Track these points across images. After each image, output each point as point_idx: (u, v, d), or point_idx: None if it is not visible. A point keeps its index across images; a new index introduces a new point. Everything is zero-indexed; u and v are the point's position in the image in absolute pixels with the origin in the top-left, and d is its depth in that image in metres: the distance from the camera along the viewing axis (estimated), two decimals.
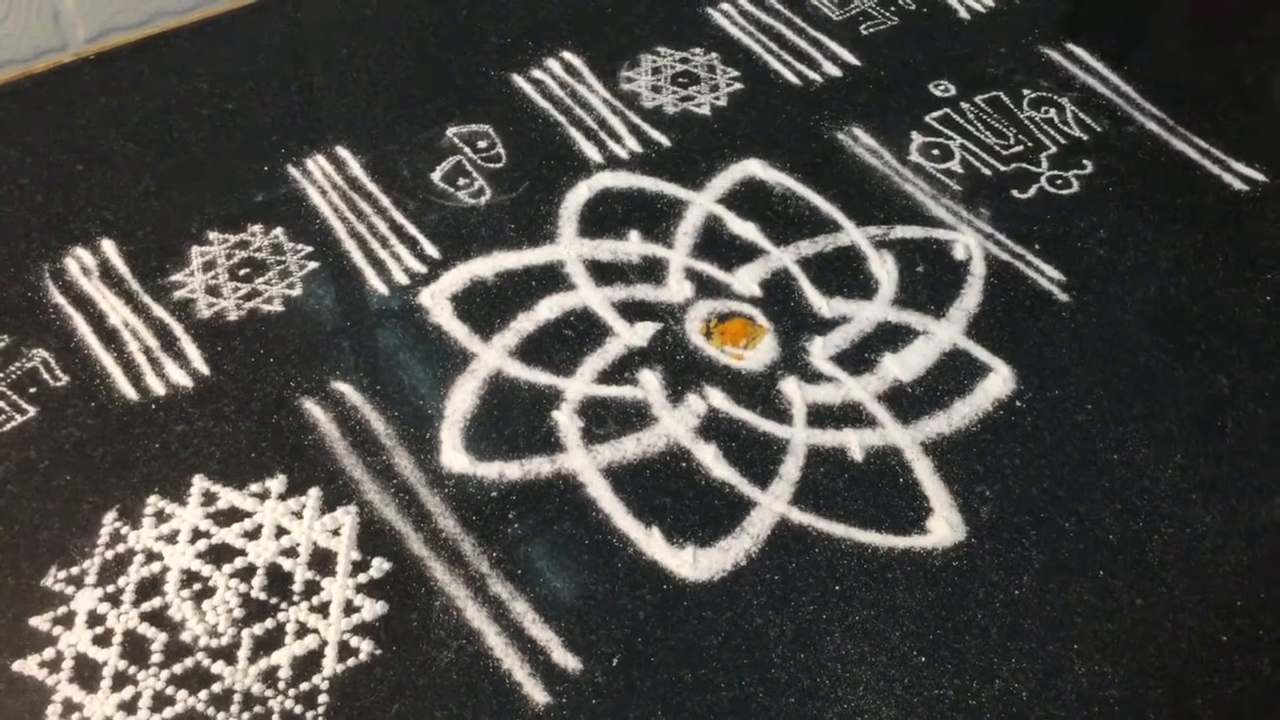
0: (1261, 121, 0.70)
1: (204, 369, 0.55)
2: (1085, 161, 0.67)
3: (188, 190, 0.64)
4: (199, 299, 0.58)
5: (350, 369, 0.55)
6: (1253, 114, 0.70)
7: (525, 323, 0.58)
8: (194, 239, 0.61)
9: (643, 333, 0.58)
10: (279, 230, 0.62)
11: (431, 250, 0.61)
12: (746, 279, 0.60)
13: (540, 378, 0.56)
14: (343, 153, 0.66)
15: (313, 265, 0.60)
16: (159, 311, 0.57)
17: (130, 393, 0.54)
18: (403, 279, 0.60)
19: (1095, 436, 0.54)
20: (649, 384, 0.56)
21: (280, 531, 0.49)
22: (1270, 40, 0.64)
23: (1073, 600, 0.48)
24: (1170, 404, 0.56)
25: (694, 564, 0.49)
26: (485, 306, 0.59)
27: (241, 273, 0.59)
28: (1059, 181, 0.66)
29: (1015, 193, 0.65)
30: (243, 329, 0.57)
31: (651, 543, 0.50)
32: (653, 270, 0.61)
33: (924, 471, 0.53)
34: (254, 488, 0.51)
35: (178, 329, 0.57)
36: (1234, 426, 0.54)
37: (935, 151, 0.67)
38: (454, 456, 0.52)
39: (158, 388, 0.54)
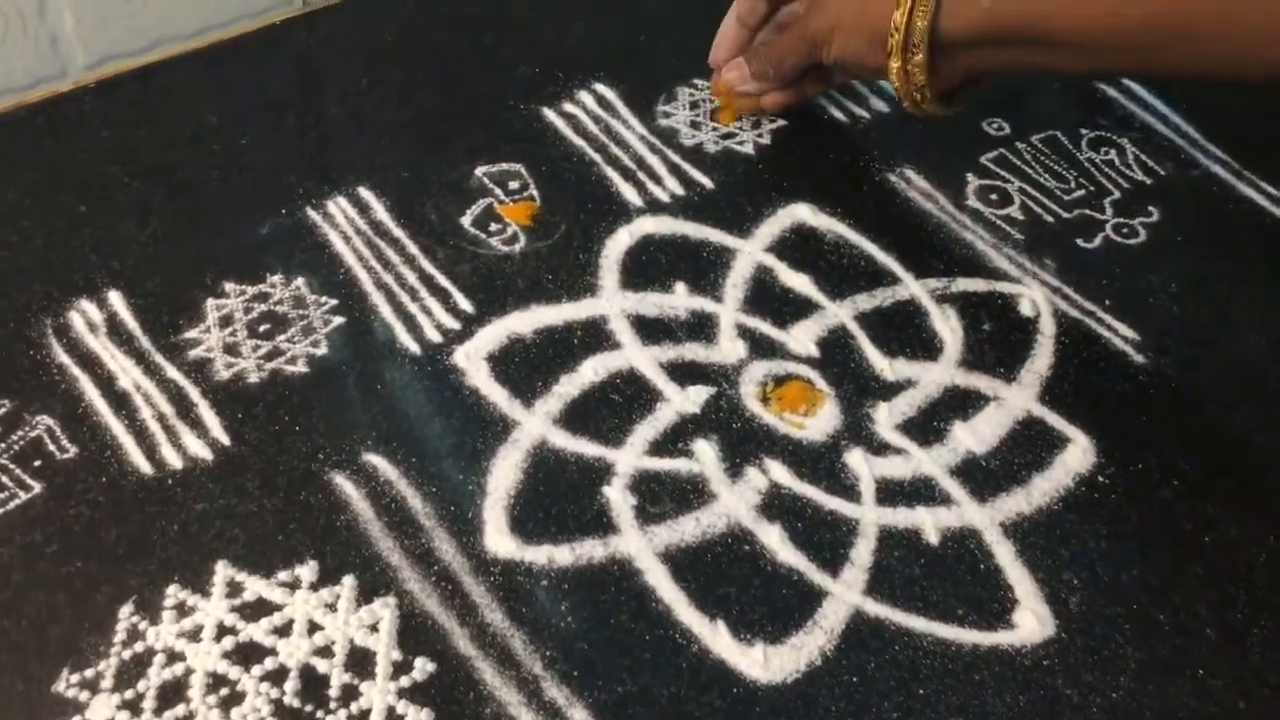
0: None
1: (224, 439, 0.51)
2: (1151, 208, 0.64)
3: (200, 234, 0.59)
4: (216, 358, 0.54)
5: (382, 438, 0.51)
6: None
7: (569, 386, 0.54)
8: (209, 290, 0.56)
9: (695, 398, 0.54)
10: (300, 281, 0.57)
11: (465, 304, 0.57)
12: (803, 337, 0.56)
13: (588, 449, 0.52)
14: (365, 194, 0.61)
15: (338, 320, 0.56)
16: (173, 373, 0.53)
17: (145, 466, 0.50)
18: (435, 336, 0.55)
19: (1183, 517, 0.51)
20: (705, 456, 0.52)
21: (313, 627, 0.45)
22: None
23: (1173, 703, 0.45)
24: (1259, 477, 0.52)
25: (765, 664, 0.45)
26: (525, 367, 0.54)
27: (262, 329, 0.55)
28: (1125, 230, 0.62)
29: (1080, 242, 0.62)
30: (265, 393, 0.53)
31: (718, 639, 0.46)
32: (702, 327, 0.57)
33: (1006, 557, 0.49)
34: (283, 575, 0.47)
35: (194, 393, 0.52)
36: None
37: (994, 196, 0.64)
38: (499, 539, 0.48)
39: (174, 460, 0.50)
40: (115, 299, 0.56)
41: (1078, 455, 0.53)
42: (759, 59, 0.64)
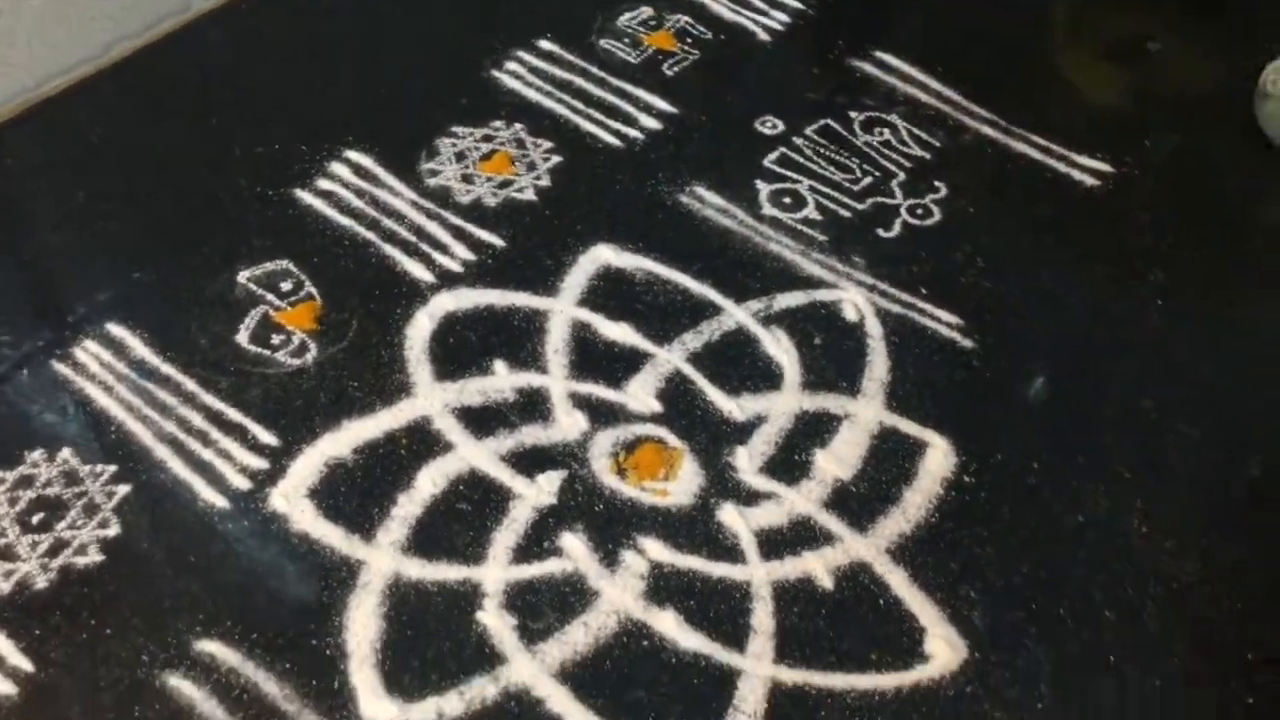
0: (1066, 101, 0.69)
1: (25, 664, 0.43)
2: (937, 183, 0.63)
3: None
4: None
5: (212, 619, 0.45)
6: (1056, 92, 0.69)
7: (409, 506, 0.49)
8: None
9: (548, 486, 0.50)
10: (67, 452, 0.49)
11: (267, 436, 0.50)
12: (641, 393, 0.53)
13: (449, 573, 0.47)
14: (116, 330, 0.54)
15: (124, 489, 0.48)
16: None
17: None
18: (242, 482, 0.49)
19: (1051, 500, 0.51)
20: (575, 551, 0.48)
21: None
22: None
23: (1093, 700, 0.45)
24: (1110, 443, 0.53)
25: None
26: (355, 496, 0.49)
27: (35, 520, 0.47)
28: (920, 211, 0.62)
29: (881, 231, 0.61)
30: (60, 597, 0.45)
31: None
32: (534, 405, 0.52)
33: (900, 585, 0.48)
34: None
35: None
36: (1176, 456, 0.52)
37: (787, 200, 0.62)
38: (377, 705, 0.43)
39: None
40: None
41: (938, 458, 0.52)
42: None
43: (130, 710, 0.42)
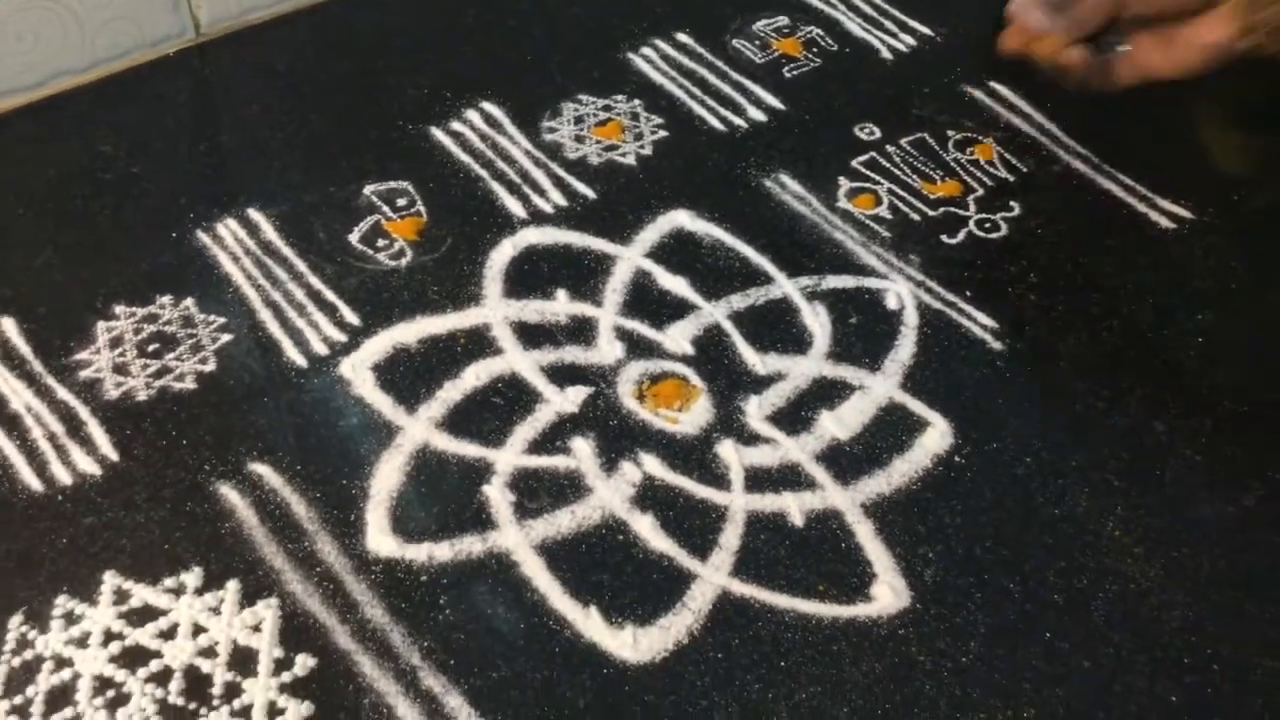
0: (1183, 157, 0.70)
1: (113, 455, 0.53)
2: (1013, 203, 0.67)
3: (92, 261, 0.61)
4: (106, 378, 0.55)
5: (269, 449, 0.53)
6: (1175, 150, 0.71)
7: (451, 391, 0.56)
8: (100, 313, 0.58)
9: (574, 398, 0.56)
10: (189, 301, 0.59)
11: (352, 317, 0.59)
12: (678, 337, 0.59)
13: (469, 450, 0.54)
14: (255, 215, 0.63)
15: (226, 338, 0.58)
16: (64, 394, 0.55)
17: (35, 483, 0.51)
18: (322, 349, 0.57)
19: (1035, 491, 0.53)
20: (582, 452, 0.54)
21: (197, 630, 0.47)
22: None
23: (1021, 665, 0.48)
24: (1109, 454, 0.55)
25: (634, 645, 0.47)
26: (409, 375, 0.56)
27: (150, 348, 0.57)
28: (987, 225, 0.65)
29: (944, 237, 0.65)
30: (153, 409, 0.54)
31: (590, 623, 0.48)
32: (582, 331, 0.59)
33: (865, 535, 0.52)
34: (168, 583, 0.48)
35: (84, 412, 0.54)
36: (1172, 476, 0.54)
37: (863, 197, 0.67)
38: (381, 539, 0.50)
39: (64, 477, 0.52)
40: (8, 325, 0.57)
41: (936, 438, 0.55)
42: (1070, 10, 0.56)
43: (184, 504, 0.51)
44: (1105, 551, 0.51)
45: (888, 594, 0.49)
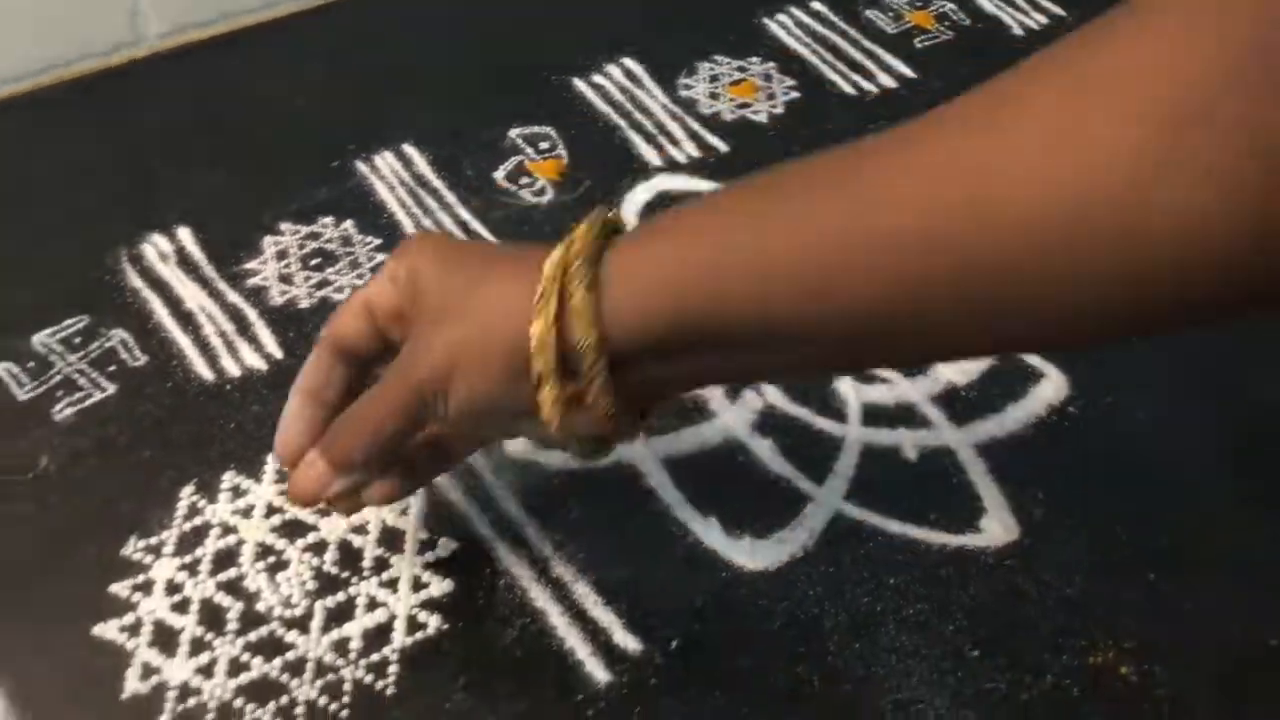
0: None
1: (277, 353, 0.57)
2: None
3: (261, 183, 0.66)
4: (272, 286, 0.60)
5: None
6: None
7: None
8: (267, 229, 0.63)
9: None
10: (349, 223, 0.63)
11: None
12: None
13: None
14: (410, 150, 0.68)
15: (381, 257, 0.62)
16: (234, 297, 0.59)
17: (207, 374, 0.56)
18: None
19: (1146, 450, 0.55)
20: None
21: None
22: None
23: (1123, 602, 0.49)
24: (1228, 416, 0.56)
25: (751, 553, 0.50)
26: None
27: (313, 263, 0.61)
28: None
29: None
30: (314, 316, 0.59)
31: (710, 532, 0.51)
32: None
33: (977, 472, 0.54)
34: None
35: (252, 314, 0.59)
36: None
37: None
38: (518, 443, 0.54)
39: (233, 369, 0.56)
40: (184, 234, 0.62)
41: (1051, 389, 0.57)
42: (344, 438, 0.41)
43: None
44: (1214, 507, 0.53)
45: (997, 527, 0.52)
